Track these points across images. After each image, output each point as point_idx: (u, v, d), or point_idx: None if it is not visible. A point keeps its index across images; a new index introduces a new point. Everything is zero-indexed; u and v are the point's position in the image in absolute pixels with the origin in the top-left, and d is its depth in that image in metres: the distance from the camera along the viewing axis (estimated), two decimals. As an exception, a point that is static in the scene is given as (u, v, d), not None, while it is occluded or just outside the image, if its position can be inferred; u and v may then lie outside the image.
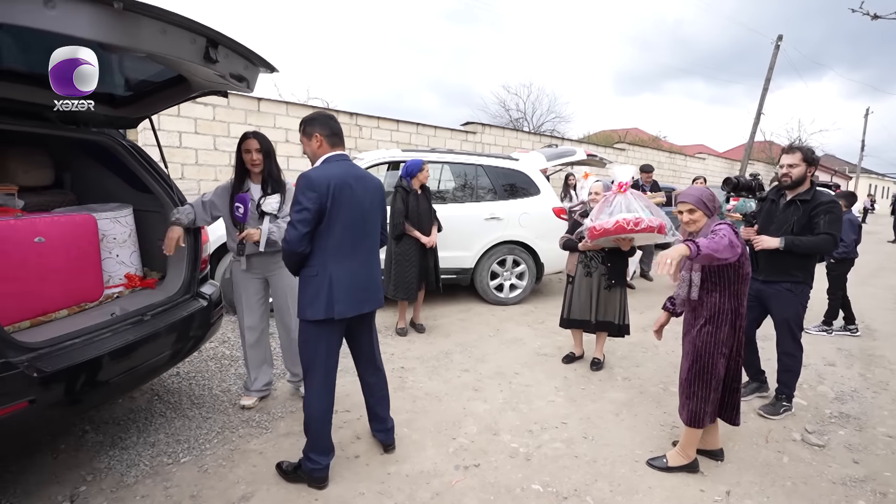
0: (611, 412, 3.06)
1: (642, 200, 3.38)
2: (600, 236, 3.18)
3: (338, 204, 2.03)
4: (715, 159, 17.89)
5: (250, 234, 2.62)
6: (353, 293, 2.12)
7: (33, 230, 1.99)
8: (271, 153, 2.76)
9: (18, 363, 1.72)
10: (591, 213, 3.35)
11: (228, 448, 2.48)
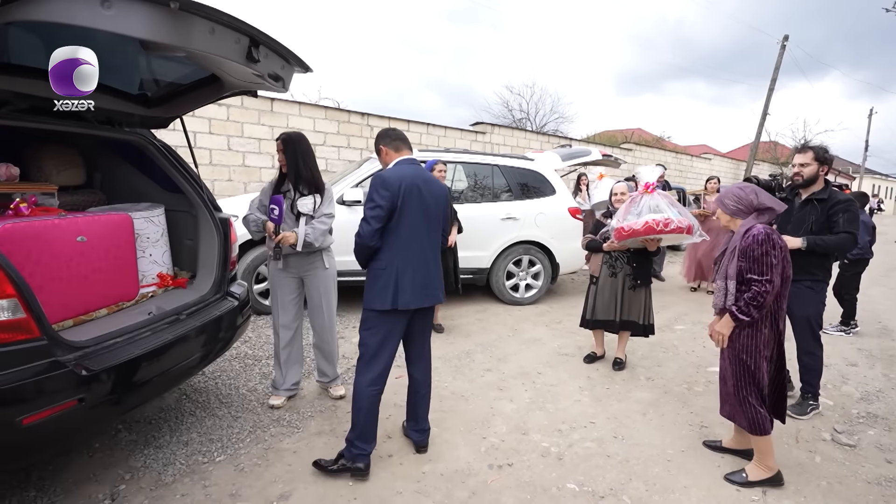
0: (637, 412, 3.06)
1: (669, 200, 3.38)
2: (629, 237, 3.19)
3: (407, 203, 2.17)
4: (721, 159, 17.87)
5: (286, 237, 2.62)
6: (417, 287, 2.22)
7: (76, 229, 2.00)
8: (299, 153, 2.74)
9: (67, 362, 1.73)
10: (617, 214, 3.35)
11: (262, 447, 2.49)
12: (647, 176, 3.40)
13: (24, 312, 1.61)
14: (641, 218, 3.19)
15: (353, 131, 7.68)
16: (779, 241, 2.20)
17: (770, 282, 2.14)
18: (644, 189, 3.34)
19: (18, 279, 1.60)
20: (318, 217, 2.75)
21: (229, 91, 2.58)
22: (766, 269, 2.16)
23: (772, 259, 2.15)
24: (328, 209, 2.80)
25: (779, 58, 17.11)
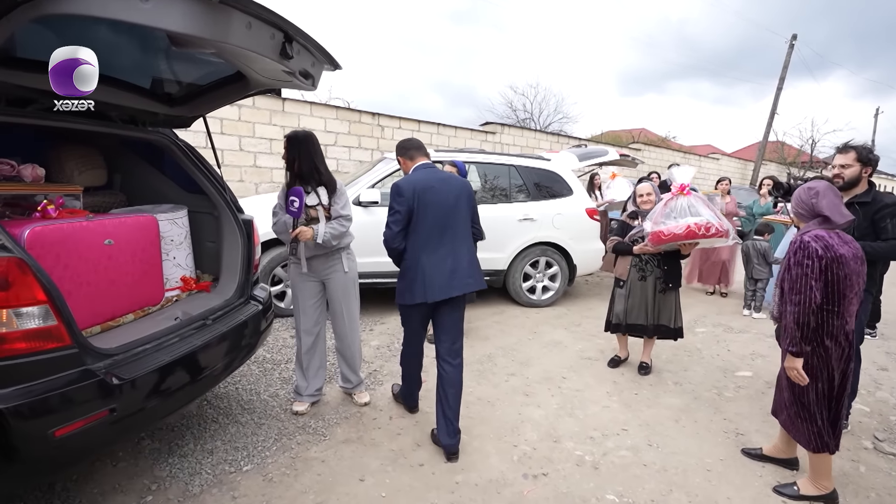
0: (669, 418, 2.98)
1: (704, 202, 3.28)
2: (669, 241, 3.10)
3: (423, 204, 2.39)
4: (728, 159, 17.76)
5: (303, 232, 2.55)
6: (442, 279, 2.40)
7: (104, 232, 1.93)
8: (303, 152, 2.62)
9: (97, 370, 1.66)
10: (652, 217, 3.25)
11: (289, 456, 2.41)
12: (681, 176, 3.30)
13: (55, 319, 1.55)
14: (682, 221, 3.10)
15: (363, 131, 7.62)
16: (821, 249, 1.99)
17: (803, 301, 1.99)
18: (679, 190, 3.24)
19: (49, 284, 1.54)
20: (336, 219, 2.67)
21: (254, 89, 2.50)
22: (799, 284, 2.01)
23: (806, 271, 1.99)
24: (345, 211, 2.72)
25: (787, 57, 16.99)
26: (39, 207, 1.86)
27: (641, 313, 3.48)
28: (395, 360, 3.69)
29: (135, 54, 2.13)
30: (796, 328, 2.04)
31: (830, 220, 2.06)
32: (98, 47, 2.00)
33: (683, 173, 3.31)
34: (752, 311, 5.34)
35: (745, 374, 3.70)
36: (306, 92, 2.75)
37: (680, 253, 3.39)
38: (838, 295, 2.02)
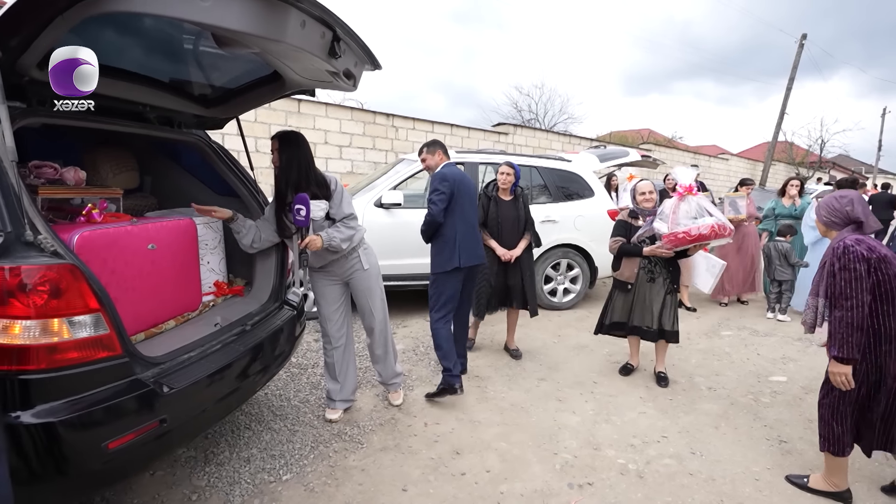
0: (709, 425, 2.92)
1: (709, 202, 3.25)
2: (693, 242, 3.03)
3: (460, 191, 3.00)
4: (738, 160, 17.68)
5: (313, 241, 2.38)
6: (470, 251, 3.04)
7: (147, 236, 1.88)
8: (301, 155, 2.43)
9: (146, 380, 1.61)
10: (664, 218, 3.17)
11: (328, 465, 2.36)
12: (684, 177, 3.24)
13: (107, 328, 1.50)
14: (701, 221, 3.04)
15: (378, 132, 7.57)
16: (866, 252, 1.96)
17: (855, 306, 1.95)
18: (688, 191, 3.17)
19: (101, 292, 1.49)
20: (341, 220, 2.51)
21: (289, 90, 2.46)
22: (848, 289, 1.97)
23: (854, 275, 1.95)
24: (348, 209, 2.54)
25: (797, 57, 16.89)
26: (84, 211, 1.81)
27: (647, 315, 3.37)
28: (422, 364, 3.64)
29: (175, 55, 2.09)
30: (849, 332, 1.98)
31: (865, 224, 2.08)
32: (139, 48, 1.96)
33: (686, 174, 3.24)
34: (777, 314, 5.26)
35: (779, 379, 3.63)
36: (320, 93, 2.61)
37: (685, 254, 3.30)
38: (892, 294, 1.99)
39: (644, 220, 3.38)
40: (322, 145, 7.05)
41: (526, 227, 3.72)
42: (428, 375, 3.45)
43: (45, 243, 1.41)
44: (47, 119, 1.73)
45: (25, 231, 1.39)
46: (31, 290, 1.35)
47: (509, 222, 3.65)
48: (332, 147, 7.12)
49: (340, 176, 7.27)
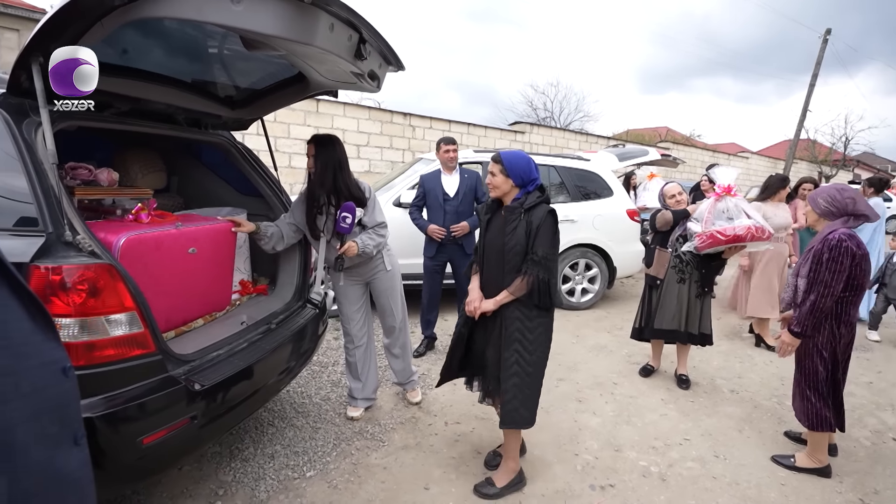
0: (732, 428, 2.88)
1: (747, 204, 3.20)
2: (728, 242, 2.99)
3: None
4: (758, 158, 17.36)
5: (350, 248, 2.41)
6: None
7: (189, 241, 1.92)
8: (342, 159, 2.46)
9: (178, 377, 1.65)
10: (701, 217, 3.15)
11: (350, 462, 2.39)
12: (724, 177, 3.20)
13: (141, 326, 1.53)
14: (737, 223, 2.99)
15: (395, 132, 7.60)
16: (855, 248, 2.17)
17: (829, 294, 2.18)
18: (725, 191, 3.14)
19: (136, 291, 1.52)
20: (373, 227, 2.55)
21: (313, 91, 2.48)
22: (830, 278, 2.17)
23: (839, 267, 2.16)
24: (381, 218, 2.59)
25: (820, 52, 16.50)
26: (134, 211, 1.85)
27: (676, 318, 3.31)
28: (440, 364, 3.63)
29: (202, 58, 2.13)
30: (810, 314, 2.23)
31: (865, 217, 2.25)
32: (169, 51, 2.00)
33: (726, 174, 3.19)
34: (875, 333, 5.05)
35: (804, 383, 3.56)
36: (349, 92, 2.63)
37: (720, 257, 3.25)
38: (859, 287, 2.24)
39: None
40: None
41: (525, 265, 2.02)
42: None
43: (84, 243, 1.45)
44: (84, 122, 1.78)
45: (65, 231, 1.43)
46: (70, 288, 1.39)
47: (494, 252, 2.12)
48: (349, 146, 7.17)
49: (358, 175, 7.32)
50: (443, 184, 3.72)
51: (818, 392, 2.33)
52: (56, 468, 0.63)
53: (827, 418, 2.33)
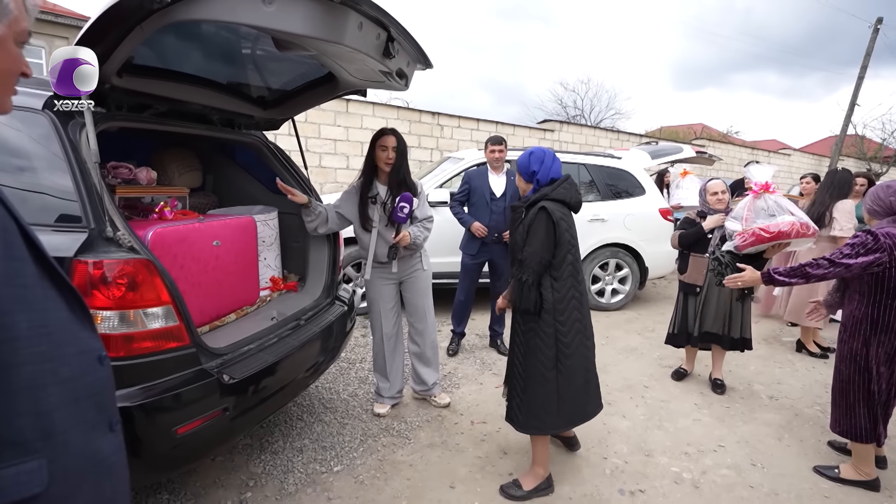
0: (770, 436, 2.76)
1: (787, 201, 3.04)
2: (772, 240, 2.85)
3: None
4: (800, 155, 16.61)
5: (405, 237, 2.51)
6: None
7: (212, 233, 1.98)
8: (404, 159, 2.62)
9: (211, 370, 1.69)
10: (738, 215, 3.02)
11: (376, 458, 2.41)
12: (760, 175, 3.05)
13: (176, 319, 1.58)
14: (783, 219, 2.86)
15: (423, 131, 7.63)
16: (891, 244, 2.05)
17: (835, 273, 2.14)
18: (764, 189, 3.01)
19: (172, 285, 1.58)
20: (421, 221, 2.67)
21: (342, 91, 2.51)
22: (846, 258, 2.11)
23: (858, 251, 2.09)
24: (429, 212, 2.74)
25: (870, 43, 15.65)
26: (157, 209, 1.92)
27: (718, 322, 3.19)
28: (468, 363, 3.65)
29: (236, 59, 2.18)
30: (804, 276, 2.22)
31: None
32: (204, 54, 2.06)
33: (763, 171, 3.05)
34: None
35: (849, 390, 3.39)
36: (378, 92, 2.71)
37: (761, 257, 3.11)
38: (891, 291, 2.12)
39: None
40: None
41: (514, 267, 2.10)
42: (473, 374, 3.45)
43: (124, 239, 1.51)
44: (125, 123, 1.85)
45: (106, 227, 1.49)
46: (111, 282, 1.45)
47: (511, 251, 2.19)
48: (378, 146, 7.24)
49: (386, 174, 7.38)
50: (490, 183, 3.71)
51: (848, 400, 2.25)
52: (92, 452, 0.66)
53: (861, 428, 2.23)
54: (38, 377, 0.59)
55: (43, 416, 0.59)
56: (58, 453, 0.61)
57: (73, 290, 0.68)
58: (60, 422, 0.61)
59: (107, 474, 0.68)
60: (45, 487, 0.59)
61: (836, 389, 2.34)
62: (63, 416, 0.62)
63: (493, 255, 3.69)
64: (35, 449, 0.59)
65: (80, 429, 0.65)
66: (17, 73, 0.65)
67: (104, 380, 0.72)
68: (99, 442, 0.68)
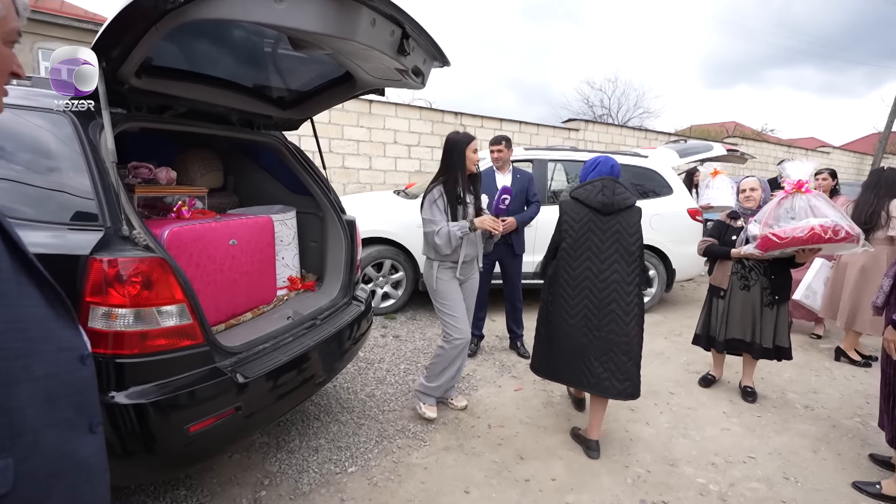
0: (806, 448, 2.62)
1: (826, 201, 2.85)
2: (786, 246, 2.69)
3: None
4: (841, 153, 15.90)
5: (512, 223, 2.70)
6: None
7: (229, 232, 2.00)
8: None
9: (224, 368, 1.70)
10: (761, 217, 2.86)
11: (391, 460, 2.38)
12: (796, 172, 2.88)
13: (190, 318, 1.59)
14: (803, 223, 2.69)
15: (446, 131, 7.56)
16: None
17: None
18: (796, 187, 2.82)
19: (186, 284, 1.59)
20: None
21: (360, 90, 2.50)
22: None
23: None
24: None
25: (917, 35, 14.83)
26: (175, 208, 1.95)
27: (745, 328, 3.03)
28: (487, 365, 3.60)
29: (254, 60, 2.19)
30: None
31: None
32: (223, 54, 2.08)
33: (799, 168, 2.87)
34: None
35: None
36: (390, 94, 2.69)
37: (793, 261, 2.95)
38: None
39: (746, 221, 3.07)
40: (391, 145, 7.20)
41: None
42: (492, 376, 3.40)
43: (139, 238, 1.53)
44: (145, 123, 1.88)
45: (122, 226, 1.51)
46: (126, 280, 1.46)
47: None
48: (400, 147, 7.25)
49: (409, 175, 7.39)
50: (497, 183, 3.66)
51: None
52: (68, 453, 0.65)
53: None
54: (8, 373, 0.58)
55: (12, 414, 0.58)
56: (27, 452, 0.59)
57: (54, 286, 0.67)
58: (31, 420, 0.60)
59: (85, 476, 0.67)
60: (11, 488, 0.57)
61: (882, 397, 2.25)
62: (34, 415, 0.61)
63: (502, 255, 3.63)
64: (2, 448, 0.58)
65: (54, 428, 0.63)
66: (6, 73, 0.65)
67: (85, 379, 0.71)
68: (77, 442, 0.67)
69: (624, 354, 2.40)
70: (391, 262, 4.48)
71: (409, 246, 4.42)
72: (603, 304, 2.38)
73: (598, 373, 2.39)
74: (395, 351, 3.76)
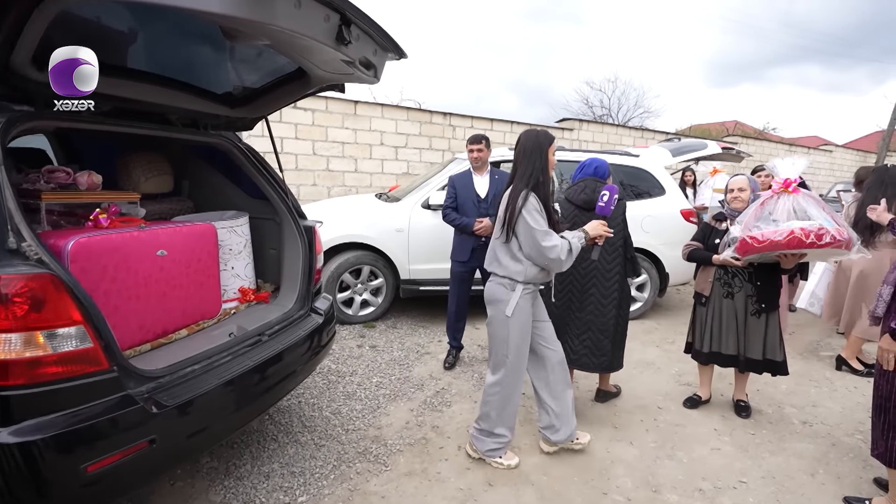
0: (802, 470, 2.42)
1: (817, 202, 2.61)
2: (763, 250, 2.45)
3: None
4: (843, 151, 15.62)
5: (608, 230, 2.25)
6: None
7: (156, 242, 1.81)
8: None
9: (138, 396, 1.51)
10: (742, 219, 2.63)
11: (347, 488, 2.19)
12: (785, 170, 2.64)
13: (91, 341, 1.40)
14: (784, 226, 2.46)
15: (434, 132, 7.42)
16: None
17: None
18: (783, 187, 2.59)
19: (87, 303, 1.40)
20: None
21: (315, 86, 2.33)
22: None
23: None
24: None
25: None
26: (92, 216, 1.77)
27: (730, 340, 2.80)
28: (464, 378, 3.40)
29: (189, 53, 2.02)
30: None
31: None
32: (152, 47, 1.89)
33: (790, 166, 2.63)
34: None
35: (897, 416, 2.98)
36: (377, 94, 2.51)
37: (779, 266, 2.72)
38: None
39: (731, 223, 2.84)
40: (378, 146, 7.02)
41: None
42: (469, 390, 3.20)
43: (30, 251, 1.34)
44: (59, 123, 1.70)
45: (9, 238, 1.33)
46: (10, 300, 1.28)
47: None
48: (387, 148, 7.07)
49: (396, 177, 7.20)
50: (475, 185, 3.48)
51: (888, 417, 2.01)
52: None
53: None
54: None
55: None
56: None
57: None
58: None
59: None
60: None
61: (875, 411, 2.10)
62: None
63: (482, 262, 3.41)
64: None
65: None
66: None
67: None
68: None
69: (601, 333, 2.72)
70: (370, 267, 4.29)
71: (388, 251, 4.23)
72: (584, 290, 2.72)
73: (578, 349, 2.76)
74: (369, 362, 3.56)
